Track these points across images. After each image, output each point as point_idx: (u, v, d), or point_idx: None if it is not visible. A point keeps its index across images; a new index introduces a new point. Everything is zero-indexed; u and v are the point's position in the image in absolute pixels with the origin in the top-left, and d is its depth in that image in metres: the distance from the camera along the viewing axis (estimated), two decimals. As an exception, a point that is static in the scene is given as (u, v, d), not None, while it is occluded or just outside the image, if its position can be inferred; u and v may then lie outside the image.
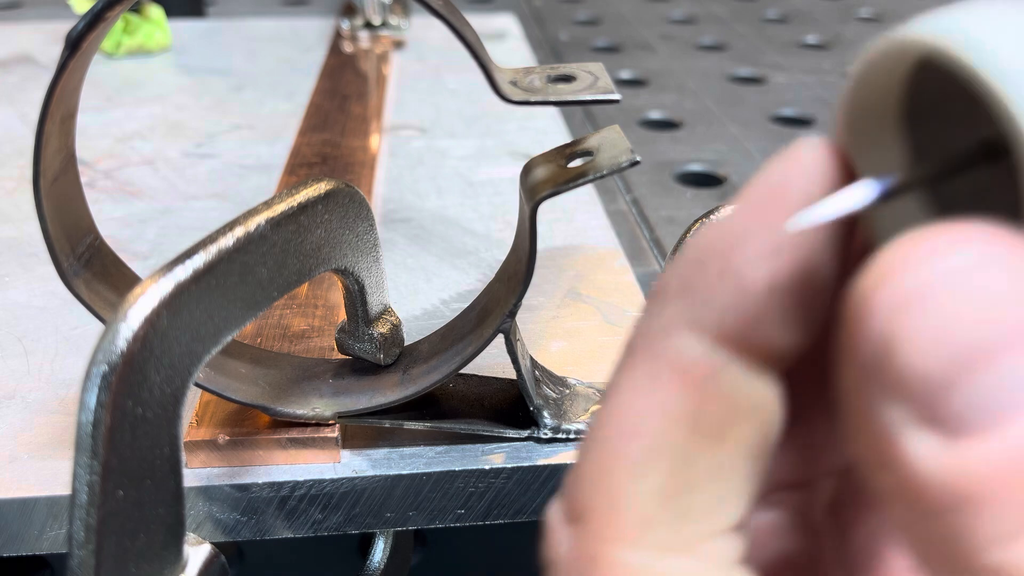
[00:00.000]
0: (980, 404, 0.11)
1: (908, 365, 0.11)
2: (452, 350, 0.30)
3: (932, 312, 0.11)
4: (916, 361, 0.11)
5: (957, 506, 0.11)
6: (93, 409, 0.19)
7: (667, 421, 0.13)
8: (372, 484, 0.30)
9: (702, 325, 0.13)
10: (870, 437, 0.12)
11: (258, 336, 0.35)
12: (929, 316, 0.11)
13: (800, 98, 0.69)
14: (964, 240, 0.11)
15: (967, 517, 0.11)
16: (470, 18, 0.26)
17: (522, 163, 0.27)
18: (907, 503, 0.11)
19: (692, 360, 0.13)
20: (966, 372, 0.11)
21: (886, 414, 0.11)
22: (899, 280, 0.11)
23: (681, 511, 0.13)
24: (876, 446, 0.12)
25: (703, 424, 0.13)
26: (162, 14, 0.73)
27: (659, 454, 0.13)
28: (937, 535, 0.11)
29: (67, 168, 0.28)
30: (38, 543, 0.30)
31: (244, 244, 0.23)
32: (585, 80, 0.26)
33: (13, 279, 0.42)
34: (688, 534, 0.13)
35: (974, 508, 0.11)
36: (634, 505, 0.13)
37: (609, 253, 0.44)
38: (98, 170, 0.53)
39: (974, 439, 0.11)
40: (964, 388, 0.11)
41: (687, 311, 0.13)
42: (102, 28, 0.25)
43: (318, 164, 0.50)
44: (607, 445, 0.14)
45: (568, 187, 0.25)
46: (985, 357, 0.11)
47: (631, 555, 0.13)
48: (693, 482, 0.13)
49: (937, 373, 0.11)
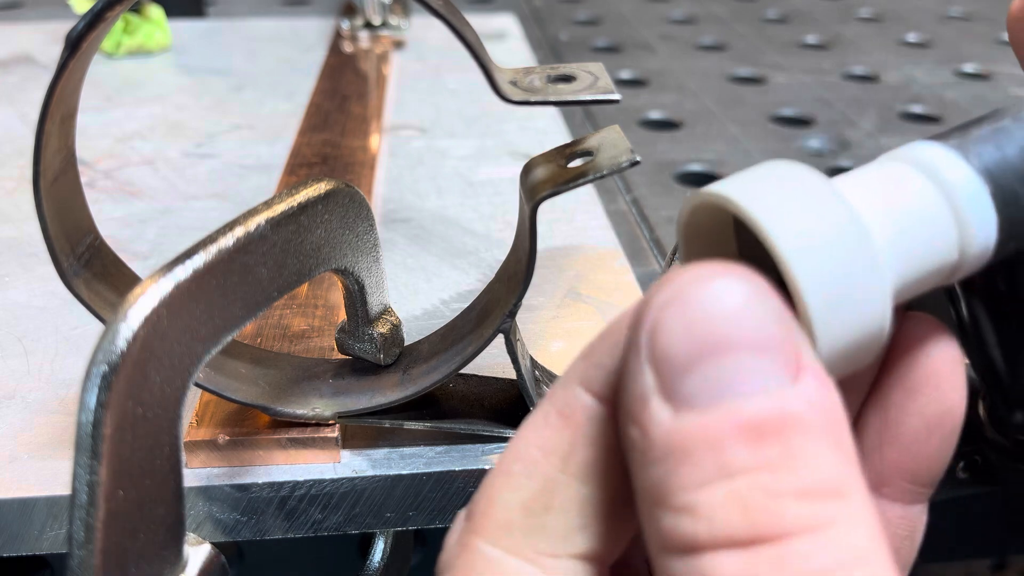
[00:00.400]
0: (697, 390, 0.15)
1: (662, 347, 0.15)
2: (452, 350, 0.30)
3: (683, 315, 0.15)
4: (667, 346, 0.15)
5: (667, 457, 0.15)
6: (93, 409, 0.19)
7: (543, 452, 0.17)
8: (372, 484, 0.30)
9: (588, 382, 0.17)
10: (630, 400, 0.16)
11: (258, 336, 0.35)
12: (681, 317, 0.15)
13: (800, 98, 0.69)
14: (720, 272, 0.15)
15: (672, 465, 0.15)
16: (470, 18, 0.26)
17: (522, 163, 0.27)
18: (640, 452, 0.15)
19: (573, 408, 0.17)
20: (693, 364, 0.15)
21: (644, 382, 0.15)
22: (668, 288, 0.15)
23: (538, 526, 0.17)
24: (632, 407, 0.15)
25: (572, 463, 0.17)
26: (162, 14, 0.73)
27: (531, 476, 0.17)
28: (653, 479, 0.15)
29: (67, 168, 0.28)
30: (38, 543, 0.30)
31: (244, 244, 0.23)
32: (585, 80, 0.26)
33: (13, 279, 0.41)
34: (539, 546, 0.17)
35: (676, 460, 0.15)
36: (501, 511, 0.17)
37: (609, 253, 0.44)
38: (98, 170, 0.53)
39: (688, 414, 0.15)
40: (691, 375, 0.15)
41: (582, 370, 0.17)
42: (102, 28, 0.25)
43: (318, 164, 0.50)
44: (499, 463, 0.18)
45: (568, 187, 0.25)
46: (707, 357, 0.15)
47: (489, 549, 0.17)
48: (554, 506, 0.17)
49: (679, 358, 0.15)
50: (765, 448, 0.14)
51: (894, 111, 0.67)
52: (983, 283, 0.23)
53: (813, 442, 0.15)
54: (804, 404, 0.15)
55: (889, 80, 0.74)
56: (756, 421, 0.14)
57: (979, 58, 0.79)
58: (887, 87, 0.72)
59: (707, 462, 0.14)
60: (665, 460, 0.15)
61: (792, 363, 0.15)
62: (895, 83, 0.73)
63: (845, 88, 0.72)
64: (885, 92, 0.71)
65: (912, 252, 0.18)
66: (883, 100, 0.69)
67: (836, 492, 0.15)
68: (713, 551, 0.14)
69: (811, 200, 0.16)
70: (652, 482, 0.15)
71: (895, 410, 0.20)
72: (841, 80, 0.74)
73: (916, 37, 0.86)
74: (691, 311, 0.15)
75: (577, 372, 0.18)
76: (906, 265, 0.18)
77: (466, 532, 0.17)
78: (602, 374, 0.17)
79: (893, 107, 0.68)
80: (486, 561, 0.17)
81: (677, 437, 0.15)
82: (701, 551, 0.14)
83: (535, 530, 0.17)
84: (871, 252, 0.16)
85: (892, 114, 0.67)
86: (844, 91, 0.71)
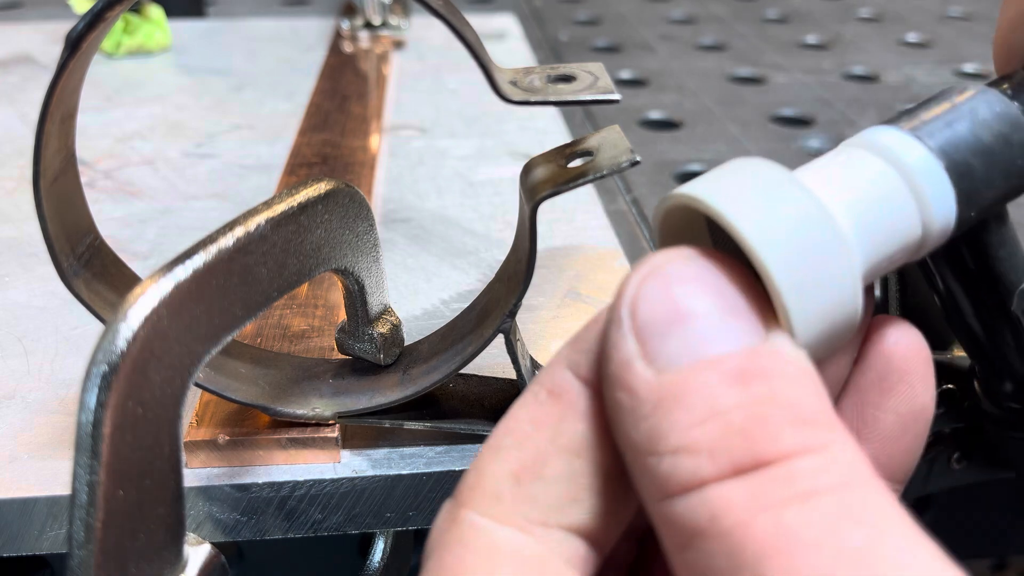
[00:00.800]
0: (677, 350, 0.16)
1: (642, 315, 0.16)
2: (452, 350, 0.30)
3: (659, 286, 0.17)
4: (646, 313, 0.16)
5: (656, 408, 0.16)
6: (93, 409, 0.19)
7: (534, 426, 0.18)
8: (372, 484, 0.30)
9: (575, 366, 0.18)
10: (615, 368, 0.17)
11: (258, 336, 0.35)
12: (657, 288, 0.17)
13: (800, 98, 0.69)
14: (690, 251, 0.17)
15: (662, 413, 0.16)
16: (470, 18, 0.26)
17: (522, 163, 0.27)
18: (629, 412, 0.16)
19: (563, 387, 0.18)
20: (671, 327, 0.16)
21: (627, 348, 0.16)
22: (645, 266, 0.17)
23: (528, 496, 0.17)
24: (617, 373, 0.17)
25: (563, 435, 0.17)
26: (162, 14, 0.73)
27: (521, 448, 0.17)
28: (644, 431, 0.16)
29: (67, 168, 0.28)
30: (38, 543, 0.30)
31: (244, 244, 0.23)
32: (585, 80, 0.26)
33: (13, 279, 0.41)
34: (530, 515, 0.17)
35: (666, 408, 0.16)
36: (489, 481, 0.17)
37: (609, 253, 0.44)
38: (98, 170, 0.53)
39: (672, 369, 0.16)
40: (669, 337, 0.16)
41: (567, 354, 0.19)
42: (102, 28, 0.25)
43: (318, 164, 0.50)
44: (489, 440, 0.18)
45: (568, 187, 0.25)
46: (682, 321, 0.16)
47: (478, 519, 0.17)
48: (545, 476, 0.17)
49: (657, 324, 0.16)
50: (751, 388, 0.15)
51: (894, 111, 0.67)
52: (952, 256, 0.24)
53: (791, 384, 0.16)
54: (778, 356, 0.16)
55: (889, 80, 0.74)
56: (738, 369, 0.16)
57: (979, 58, 0.79)
58: (887, 87, 0.72)
59: (697, 404, 0.15)
60: (655, 411, 0.16)
61: (760, 325, 0.16)
62: (895, 83, 0.73)
63: (845, 88, 0.72)
64: (885, 92, 0.71)
65: (876, 232, 0.19)
66: (883, 100, 0.69)
67: (822, 423, 0.15)
68: (718, 481, 0.15)
69: (773, 191, 0.17)
70: (644, 435, 0.16)
71: (871, 408, 0.21)
72: (841, 80, 0.74)
73: (916, 37, 0.86)
74: (666, 282, 0.17)
75: (563, 357, 0.19)
76: (872, 245, 0.19)
77: (454, 507, 0.18)
78: (588, 359, 0.18)
79: (893, 107, 0.68)
80: (475, 531, 0.17)
81: (663, 389, 0.16)
82: (705, 484, 0.15)
83: (525, 499, 0.17)
84: (836, 235, 0.17)
85: (892, 114, 0.67)
86: (844, 91, 0.71)
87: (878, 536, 0.14)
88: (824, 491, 0.14)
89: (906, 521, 0.14)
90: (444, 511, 0.18)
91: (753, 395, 0.15)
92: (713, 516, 0.15)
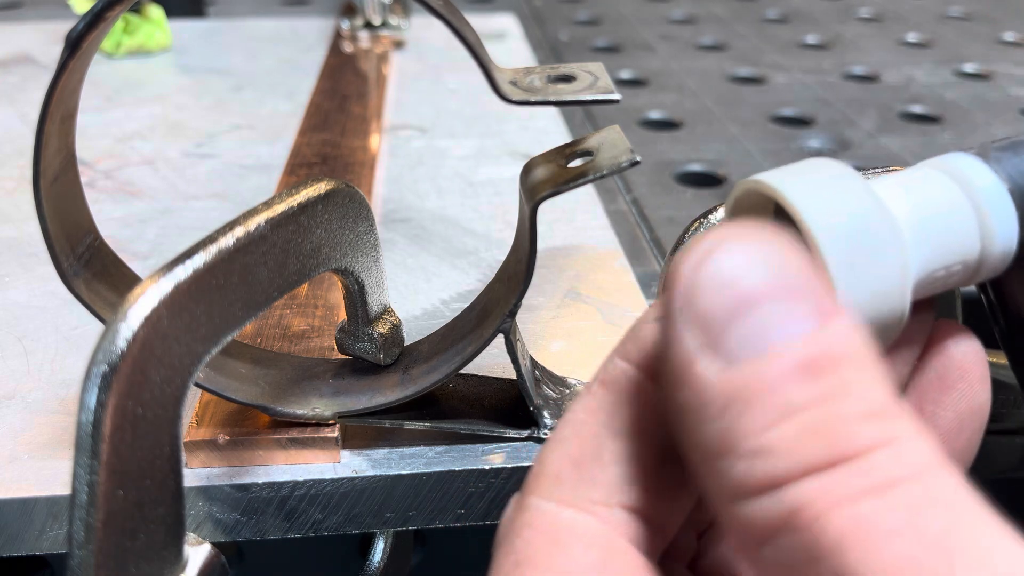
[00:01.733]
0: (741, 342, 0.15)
1: (700, 307, 0.16)
2: (452, 350, 0.30)
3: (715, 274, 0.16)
4: (705, 305, 0.16)
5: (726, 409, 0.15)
6: (93, 409, 0.19)
7: (587, 413, 0.18)
8: (372, 484, 0.30)
9: (626, 353, 0.19)
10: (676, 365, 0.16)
11: (258, 336, 0.35)
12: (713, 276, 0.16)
13: (800, 98, 0.69)
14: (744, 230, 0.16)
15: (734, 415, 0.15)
16: (470, 18, 0.26)
17: (522, 163, 0.27)
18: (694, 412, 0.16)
19: (614, 375, 0.18)
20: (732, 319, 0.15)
21: (687, 344, 0.16)
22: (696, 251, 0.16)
23: (588, 478, 0.18)
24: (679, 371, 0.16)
25: (616, 420, 0.18)
26: (162, 14, 0.73)
27: (579, 435, 0.18)
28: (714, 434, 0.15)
29: (67, 168, 0.28)
30: (38, 543, 0.30)
31: (244, 244, 0.23)
32: (585, 80, 0.26)
33: (13, 279, 0.41)
34: (591, 495, 0.18)
35: (738, 410, 0.15)
36: (551, 466, 0.18)
37: (609, 253, 0.44)
38: (98, 170, 0.53)
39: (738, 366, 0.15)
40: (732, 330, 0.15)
41: (620, 344, 0.19)
42: (102, 28, 0.25)
43: (318, 164, 0.50)
44: (551, 435, 0.19)
45: (568, 187, 0.25)
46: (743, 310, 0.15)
47: (543, 503, 0.18)
48: (602, 459, 0.18)
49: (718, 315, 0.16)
50: (821, 381, 0.15)
51: (894, 111, 0.67)
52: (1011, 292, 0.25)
53: (860, 372, 0.15)
54: (843, 340, 0.15)
55: (889, 80, 0.74)
56: (807, 360, 0.15)
57: (979, 58, 0.79)
58: (887, 87, 0.72)
59: (770, 405, 0.15)
60: (725, 413, 0.15)
61: (822, 307, 0.16)
62: (895, 83, 0.73)
63: (845, 88, 0.72)
64: (885, 92, 0.71)
65: (934, 241, 0.20)
66: (883, 100, 0.69)
67: (893, 414, 0.15)
68: (798, 480, 0.15)
69: (837, 182, 0.18)
70: (714, 437, 0.15)
71: (931, 405, 0.22)
72: (841, 80, 0.74)
73: (916, 37, 0.86)
74: (721, 269, 0.16)
75: (617, 348, 0.19)
76: (928, 251, 0.19)
77: (521, 496, 0.18)
78: (638, 345, 0.18)
79: (893, 107, 0.68)
80: (541, 514, 0.18)
81: (733, 389, 0.15)
82: (784, 484, 0.15)
83: (585, 482, 0.18)
84: (892, 229, 0.18)
85: (892, 114, 0.67)
86: (844, 91, 0.71)
87: (957, 521, 0.14)
88: (900, 481, 0.15)
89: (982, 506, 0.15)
90: (512, 502, 0.19)
91: (825, 389, 0.15)
92: (791, 513, 0.15)
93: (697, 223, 0.29)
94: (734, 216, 0.20)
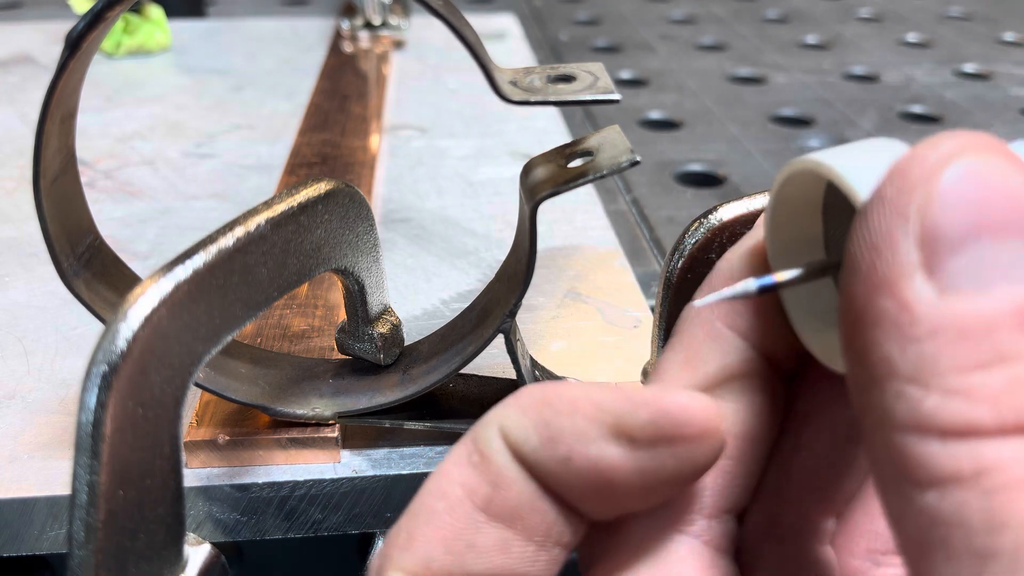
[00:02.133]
0: (968, 272, 0.14)
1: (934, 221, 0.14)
2: (452, 350, 0.30)
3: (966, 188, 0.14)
4: (941, 221, 0.14)
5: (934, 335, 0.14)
6: (93, 409, 0.19)
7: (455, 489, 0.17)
8: (372, 484, 0.30)
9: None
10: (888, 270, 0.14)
11: (258, 336, 0.35)
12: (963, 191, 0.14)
13: (800, 98, 0.69)
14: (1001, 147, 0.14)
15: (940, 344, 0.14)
16: (470, 18, 0.26)
17: (522, 163, 0.27)
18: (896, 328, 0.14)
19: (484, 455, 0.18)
20: (967, 243, 0.14)
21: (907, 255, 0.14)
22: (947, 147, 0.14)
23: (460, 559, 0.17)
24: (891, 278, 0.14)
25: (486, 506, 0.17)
26: (162, 14, 0.73)
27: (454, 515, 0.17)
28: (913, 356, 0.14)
29: (67, 168, 0.28)
30: (38, 543, 0.30)
31: (244, 244, 0.23)
32: (585, 80, 0.26)
33: (13, 279, 0.42)
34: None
35: (947, 340, 0.14)
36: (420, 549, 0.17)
37: (609, 253, 0.44)
38: (98, 170, 0.53)
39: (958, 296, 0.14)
40: (962, 255, 0.14)
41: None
42: (102, 28, 0.25)
43: (318, 164, 0.50)
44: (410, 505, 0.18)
45: (568, 187, 0.25)
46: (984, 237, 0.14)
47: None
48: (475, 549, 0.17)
49: (952, 236, 0.14)
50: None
51: (894, 111, 0.67)
52: None
53: None
54: None
55: (889, 80, 0.74)
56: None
57: (979, 58, 0.79)
58: (887, 87, 0.72)
59: (984, 346, 0.14)
60: (932, 339, 0.14)
61: None
62: (895, 83, 0.73)
63: (845, 88, 0.72)
64: (885, 92, 0.71)
65: None
66: (883, 100, 0.69)
67: None
68: (996, 437, 0.13)
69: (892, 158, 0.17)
70: (910, 359, 0.14)
71: None
72: (841, 80, 0.74)
73: (916, 37, 0.86)
74: (975, 185, 0.14)
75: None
76: None
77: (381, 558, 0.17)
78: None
79: (893, 107, 0.68)
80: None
81: (948, 317, 0.14)
82: (980, 436, 0.13)
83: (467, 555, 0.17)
84: None
85: (892, 114, 0.67)
86: (844, 91, 0.71)
87: None
88: None
89: None
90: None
91: None
92: (980, 471, 0.13)
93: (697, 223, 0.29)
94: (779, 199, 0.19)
